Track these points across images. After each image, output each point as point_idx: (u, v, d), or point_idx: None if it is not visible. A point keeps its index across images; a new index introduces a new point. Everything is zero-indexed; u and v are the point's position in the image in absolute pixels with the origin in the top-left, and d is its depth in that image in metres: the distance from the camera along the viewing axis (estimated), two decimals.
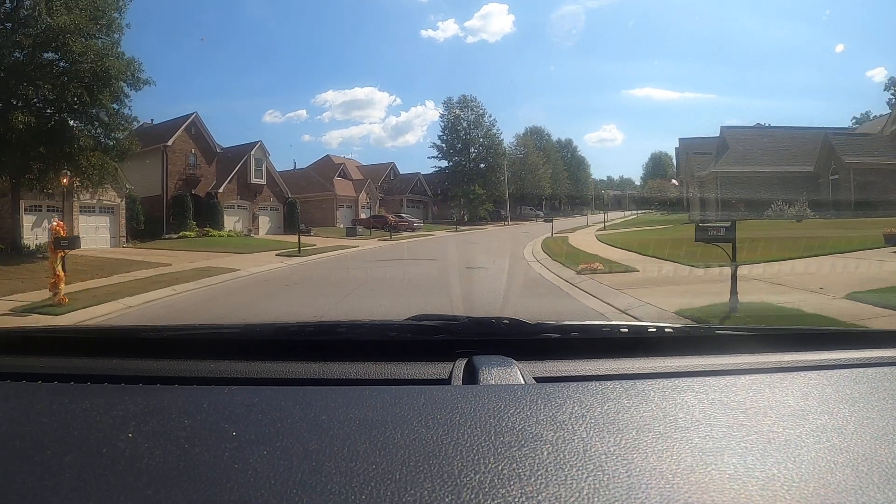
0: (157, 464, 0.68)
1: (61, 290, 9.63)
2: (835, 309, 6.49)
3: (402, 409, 0.85)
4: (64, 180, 14.97)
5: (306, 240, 28.78)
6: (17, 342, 1.40)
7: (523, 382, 1.04)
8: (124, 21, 19.07)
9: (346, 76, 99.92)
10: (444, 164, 55.11)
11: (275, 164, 36.22)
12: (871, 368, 1.16)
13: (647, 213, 57.25)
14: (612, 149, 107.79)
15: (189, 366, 1.17)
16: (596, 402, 0.88)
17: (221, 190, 32.69)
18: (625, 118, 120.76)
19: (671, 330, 1.53)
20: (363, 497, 0.60)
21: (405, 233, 35.93)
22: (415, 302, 7.68)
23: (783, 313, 6.33)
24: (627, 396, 0.92)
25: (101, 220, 26.79)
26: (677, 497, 0.60)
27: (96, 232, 26.42)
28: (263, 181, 35.22)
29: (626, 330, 1.46)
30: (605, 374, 1.13)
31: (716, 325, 2.73)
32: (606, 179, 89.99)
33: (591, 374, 1.13)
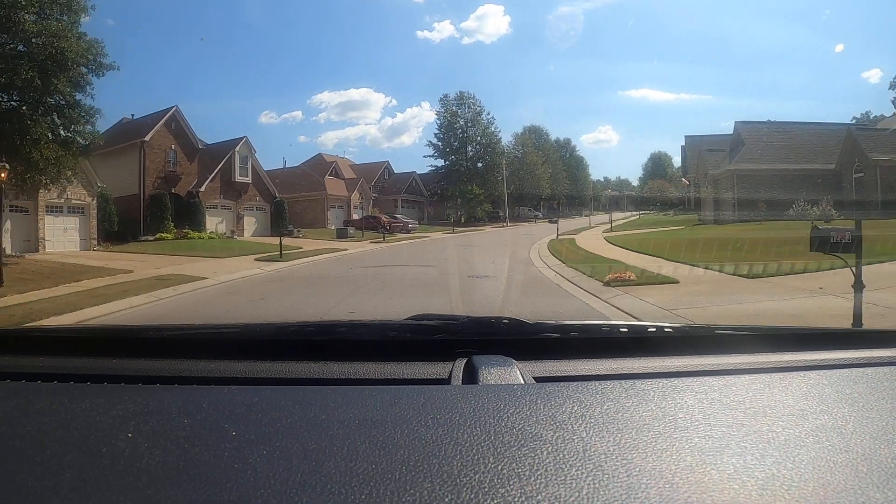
0: (157, 464, 0.68)
1: None
2: None
3: (402, 408, 0.85)
4: (2, 174, 12.92)
5: (293, 242, 26.94)
6: (16, 342, 1.40)
7: (523, 382, 1.04)
8: (88, 1, 17.18)
9: (341, 77, 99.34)
10: (440, 163, 53.17)
11: (269, 164, 34.53)
12: (870, 368, 1.14)
13: (648, 214, 55.79)
14: (608, 150, 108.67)
15: (189, 365, 1.16)
16: (596, 402, 0.88)
17: (203, 189, 30.61)
18: (621, 119, 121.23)
19: (671, 330, 1.54)
20: (363, 497, 0.60)
21: (399, 234, 34.13)
22: None
23: None
24: (627, 396, 0.92)
25: (70, 220, 24.74)
26: (677, 497, 0.60)
27: (65, 234, 24.45)
28: (249, 179, 33.04)
29: (625, 330, 1.47)
30: (604, 373, 1.13)
31: (716, 325, 2.36)
32: (603, 180, 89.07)
33: (590, 373, 1.12)
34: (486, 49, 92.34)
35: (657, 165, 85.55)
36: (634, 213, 58.69)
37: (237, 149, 32.30)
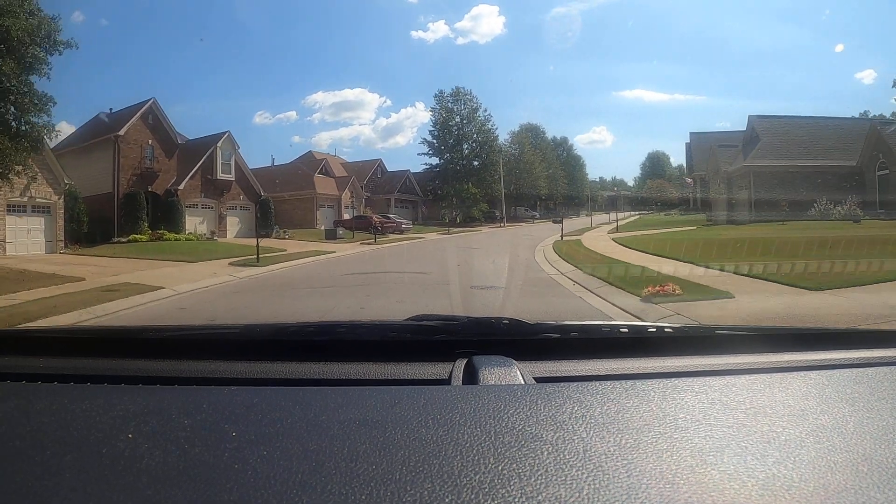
0: (157, 464, 0.68)
1: None
2: None
3: (402, 409, 0.85)
4: None
5: (277, 244, 25.05)
6: (16, 342, 1.39)
7: (523, 382, 1.04)
8: None
9: (336, 77, 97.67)
10: (435, 161, 51.41)
11: (262, 164, 32.46)
12: (871, 368, 1.14)
13: (648, 214, 54.21)
14: (602, 150, 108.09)
15: (189, 366, 1.16)
16: (596, 402, 0.88)
17: (182, 187, 28.64)
18: (615, 120, 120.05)
19: (671, 330, 1.53)
20: (363, 497, 0.60)
21: (392, 235, 32.28)
22: None
23: None
24: (627, 396, 0.91)
25: (35, 221, 22.74)
26: (677, 497, 0.61)
27: (28, 235, 22.43)
28: (232, 177, 31.03)
29: (625, 330, 1.45)
30: (605, 374, 1.12)
31: (716, 325, 2.32)
32: (598, 181, 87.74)
33: (591, 374, 1.12)
34: (480, 49, 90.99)
35: (655, 165, 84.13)
36: (633, 213, 57.09)
37: (219, 144, 30.29)
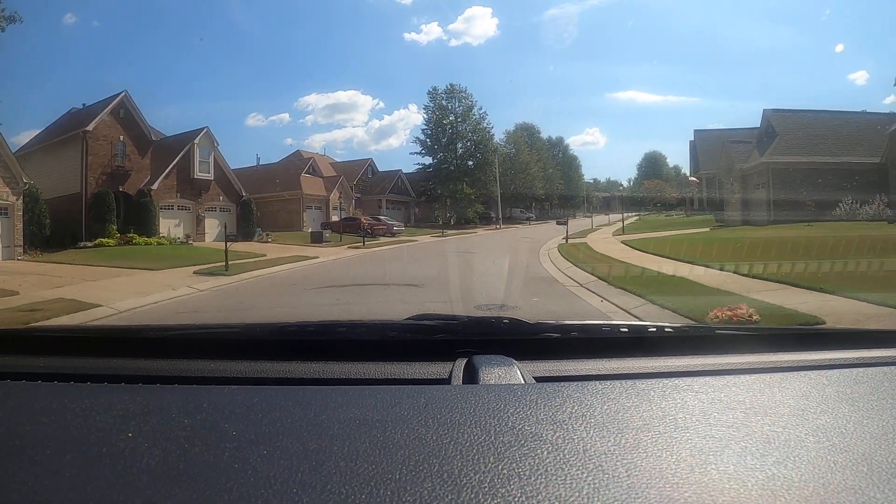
0: (157, 463, 0.68)
1: None
2: None
3: (403, 408, 0.85)
4: None
5: (258, 248, 23.03)
6: (16, 342, 1.38)
7: (523, 382, 1.03)
8: None
9: (329, 79, 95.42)
10: (428, 160, 49.33)
11: (251, 165, 30.25)
12: (871, 368, 1.14)
13: (649, 215, 52.61)
14: (595, 152, 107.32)
15: (189, 365, 1.16)
16: (596, 402, 0.88)
17: (156, 186, 26.50)
18: (608, 121, 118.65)
19: (671, 330, 1.53)
20: (363, 497, 0.60)
21: (383, 238, 30.32)
22: None
23: None
24: (627, 396, 0.91)
25: None
26: (677, 497, 0.61)
27: None
28: (210, 176, 28.88)
29: (626, 329, 1.45)
30: (605, 373, 1.13)
31: (716, 325, 2.45)
32: (593, 182, 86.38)
33: (591, 373, 1.12)
34: (473, 51, 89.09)
35: (652, 165, 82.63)
36: (633, 214, 55.46)
37: (196, 141, 28.12)
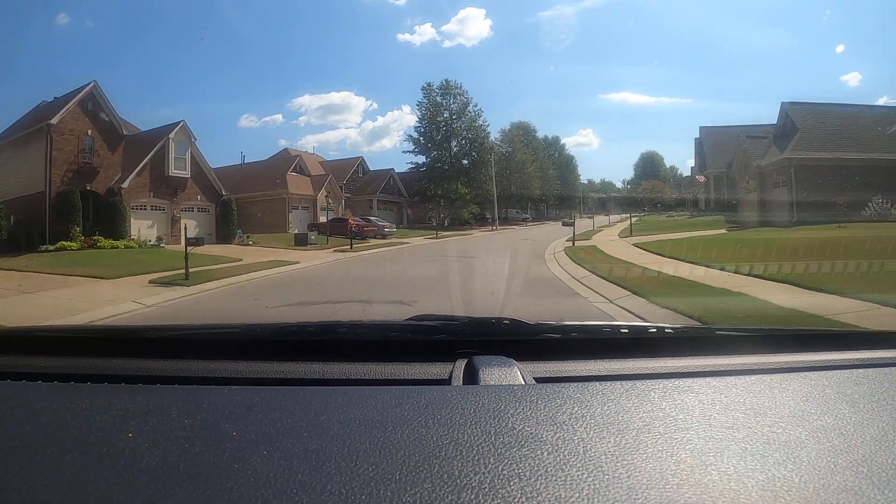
0: (157, 463, 0.68)
1: None
2: None
3: (403, 409, 0.85)
4: None
5: (236, 251, 21.02)
6: (17, 342, 1.38)
7: (523, 383, 1.04)
8: None
9: (322, 80, 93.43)
10: (421, 159, 47.48)
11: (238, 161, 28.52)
12: (871, 369, 1.13)
13: (650, 216, 50.95)
14: (589, 153, 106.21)
15: (189, 365, 1.15)
16: (596, 403, 0.88)
17: (126, 185, 24.52)
18: (602, 122, 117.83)
19: (671, 330, 1.53)
20: (363, 497, 0.60)
21: (373, 240, 28.41)
22: None
23: None
24: (628, 397, 0.91)
25: None
26: (677, 497, 0.61)
27: None
28: (187, 174, 26.86)
29: (626, 330, 1.45)
30: (605, 374, 1.12)
31: (716, 326, 2.32)
32: (587, 183, 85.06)
33: (591, 374, 1.11)
34: (466, 52, 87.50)
35: (649, 165, 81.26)
36: (632, 214, 53.88)
37: (171, 135, 26.09)
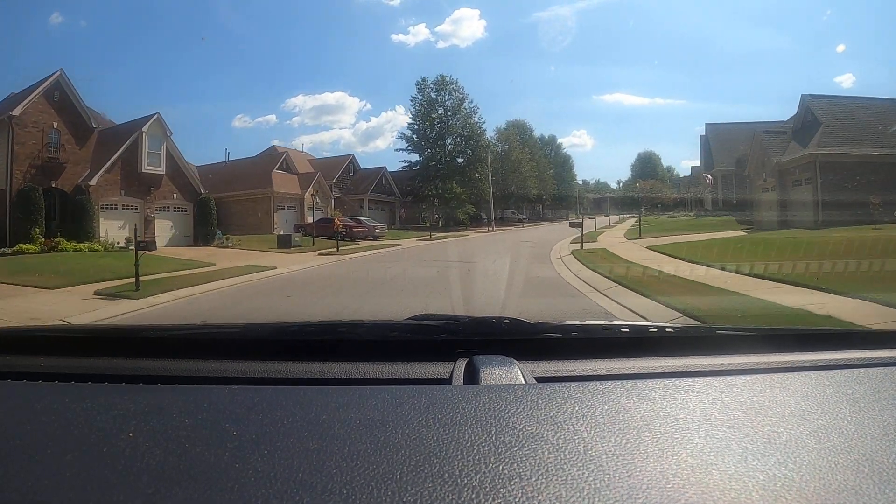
0: (158, 463, 0.68)
1: None
2: None
3: (403, 409, 0.85)
4: None
5: (211, 255, 19.19)
6: (16, 342, 1.38)
7: (524, 382, 1.04)
8: None
9: (316, 81, 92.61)
10: (414, 158, 45.77)
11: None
12: (872, 369, 1.13)
13: (651, 216, 49.46)
14: (583, 154, 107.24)
15: (190, 365, 1.16)
16: (597, 402, 0.88)
17: (95, 182, 22.69)
18: (596, 123, 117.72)
19: (672, 330, 1.53)
20: (364, 497, 0.60)
21: (363, 241, 26.66)
22: None
23: None
24: (628, 396, 0.92)
25: None
26: (678, 497, 0.61)
27: None
28: (162, 170, 25.02)
29: (626, 330, 1.45)
30: (605, 374, 1.13)
31: (716, 326, 2.40)
32: (582, 184, 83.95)
33: (591, 374, 1.12)
34: (461, 53, 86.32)
35: (646, 165, 79.99)
36: (631, 215, 52.36)
37: (145, 129, 24.24)
